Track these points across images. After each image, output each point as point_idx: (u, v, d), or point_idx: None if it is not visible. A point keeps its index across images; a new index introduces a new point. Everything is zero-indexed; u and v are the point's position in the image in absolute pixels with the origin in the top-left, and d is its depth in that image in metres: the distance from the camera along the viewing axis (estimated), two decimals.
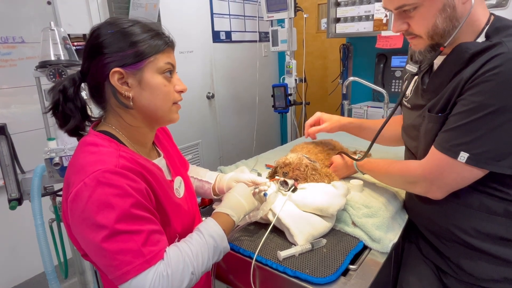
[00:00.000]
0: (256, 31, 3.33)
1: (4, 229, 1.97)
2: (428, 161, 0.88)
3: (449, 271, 0.96)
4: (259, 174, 1.35)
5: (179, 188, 0.90)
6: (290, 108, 2.46)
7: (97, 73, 0.75)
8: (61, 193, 0.86)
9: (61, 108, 0.76)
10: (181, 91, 0.82)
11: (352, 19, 2.28)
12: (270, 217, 0.99)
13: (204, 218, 0.86)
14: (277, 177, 1.13)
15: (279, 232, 0.99)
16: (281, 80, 2.52)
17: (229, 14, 3.04)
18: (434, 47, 0.87)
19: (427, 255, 1.03)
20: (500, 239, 0.85)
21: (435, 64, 0.94)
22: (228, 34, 3.07)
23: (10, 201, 1.13)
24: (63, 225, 0.77)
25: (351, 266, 0.88)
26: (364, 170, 1.15)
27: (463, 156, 0.79)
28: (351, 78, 1.98)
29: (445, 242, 0.96)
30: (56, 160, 1.12)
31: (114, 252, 0.64)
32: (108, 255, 0.64)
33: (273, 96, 2.40)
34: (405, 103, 1.07)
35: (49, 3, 1.92)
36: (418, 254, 1.07)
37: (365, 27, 2.22)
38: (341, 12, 2.32)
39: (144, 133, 0.83)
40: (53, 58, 1.16)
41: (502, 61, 0.73)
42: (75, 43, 1.79)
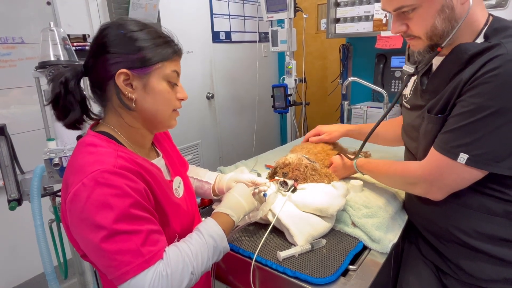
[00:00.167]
0: (256, 32, 3.33)
1: (4, 230, 1.97)
2: (428, 162, 0.88)
3: (449, 272, 0.96)
4: (259, 175, 1.35)
5: (178, 188, 0.90)
6: (290, 109, 2.46)
7: (103, 71, 0.75)
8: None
9: (62, 101, 0.76)
10: (182, 99, 0.84)
11: (352, 20, 2.27)
12: (270, 218, 0.99)
13: (204, 219, 0.86)
14: (277, 178, 1.13)
15: (279, 233, 0.99)
16: (281, 81, 2.51)
17: (229, 15, 3.04)
18: (433, 48, 0.87)
19: (427, 256, 1.03)
20: (500, 240, 0.85)
21: (434, 65, 0.94)
22: (228, 35, 3.07)
23: (10, 202, 1.13)
24: (63, 226, 0.77)
25: (351, 267, 0.88)
26: (364, 171, 1.15)
27: (463, 157, 0.79)
28: (351, 79, 1.98)
29: (445, 243, 0.96)
30: (56, 161, 1.12)
31: (113, 252, 0.64)
32: (107, 256, 0.64)
33: (273, 97, 2.39)
34: (405, 104, 1.07)
35: (49, 4, 1.92)
36: (418, 255, 1.07)
37: (365, 28, 2.22)
38: (341, 13, 2.32)
39: (143, 135, 0.84)
40: (53, 59, 1.16)
41: (501, 63, 0.73)
42: (75, 44, 1.79)
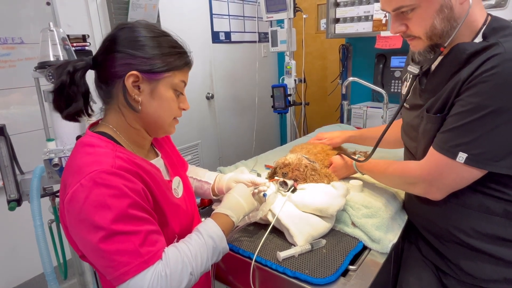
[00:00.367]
0: (256, 32, 3.33)
1: (4, 230, 1.97)
2: (427, 162, 0.88)
3: (449, 272, 0.96)
4: (259, 175, 1.35)
5: (178, 188, 0.90)
6: (290, 109, 2.46)
7: (113, 69, 0.74)
8: None
9: (66, 90, 0.75)
10: (184, 109, 0.85)
11: (352, 20, 2.28)
12: (270, 218, 0.99)
13: (204, 219, 0.86)
14: (277, 178, 1.13)
15: (279, 233, 0.99)
16: (281, 81, 2.51)
17: (229, 15, 3.04)
18: (434, 48, 0.87)
19: (427, 256, 1.03)
20: (499, 240, 0.85)
21: (433, 65, 0.94)
22: (228, 35, 3.07)
23: (9, 202, 1.13)
24: (62, 226, 0.77)
25: (351, 267, 0.88)
26: (364, 171, 1.15)
27: (462, 157, 0.79)
28: (351, 79, 1.98)
29: (445, 243, 0.96)
30: (55, 161, 1.11)
31: (112, 253, 0.64)
32: (106, 256, 0.64)
33: (273, 97, 2.39)
34: (404, 103, 1.07)
35: (48, 4, 1.92)
36: (418, 255, 1.07)
37: (365, 28, 2.22)
38: (341, 13, 2.32)
39: (143, 136, 0.84)
40: (52, 59, 1.16)
41: (499, 62, 0.73)
42: (74, 44, 1.78)
